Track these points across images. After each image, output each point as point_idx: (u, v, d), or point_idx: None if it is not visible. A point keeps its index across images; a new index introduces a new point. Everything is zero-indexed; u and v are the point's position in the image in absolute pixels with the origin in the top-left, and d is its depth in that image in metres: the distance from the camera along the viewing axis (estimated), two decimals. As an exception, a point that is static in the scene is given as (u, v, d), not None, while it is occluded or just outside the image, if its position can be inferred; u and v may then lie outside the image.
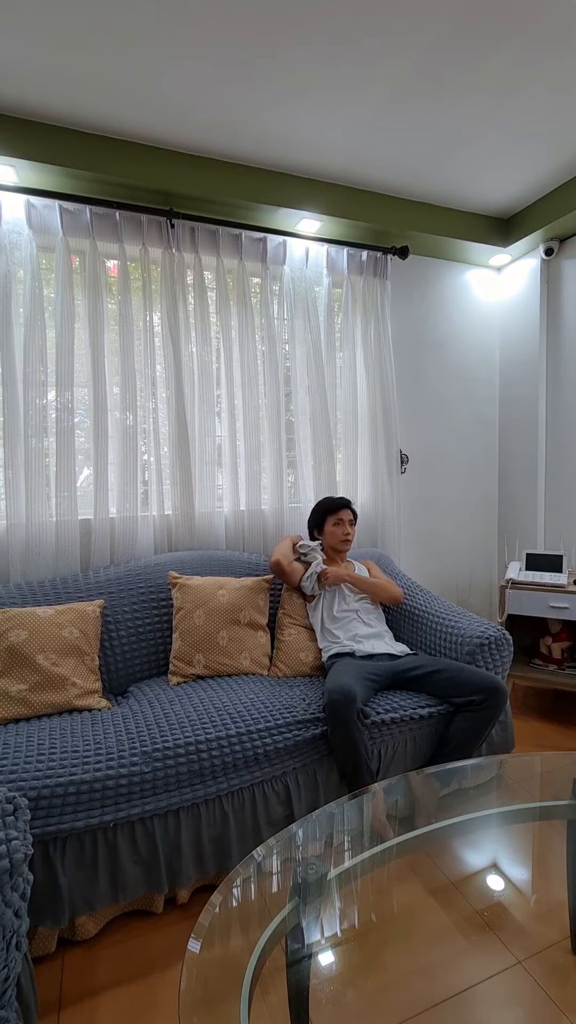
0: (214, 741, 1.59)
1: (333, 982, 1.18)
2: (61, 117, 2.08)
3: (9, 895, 1.01)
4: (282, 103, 2.05)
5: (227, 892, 1.07)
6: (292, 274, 2.66)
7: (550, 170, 2.56)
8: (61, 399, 2.23)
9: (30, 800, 1.35)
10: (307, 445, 2.73)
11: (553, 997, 1.22)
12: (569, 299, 2.94)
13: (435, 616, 2.18)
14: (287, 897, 1.12)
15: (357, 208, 2.64)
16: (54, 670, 1.80)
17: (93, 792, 1.42)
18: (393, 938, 1.36)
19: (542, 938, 1.36)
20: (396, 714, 1.82)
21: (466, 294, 3.20)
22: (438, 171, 2.54)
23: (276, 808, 1.66)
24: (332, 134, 2.24)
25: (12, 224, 2.18)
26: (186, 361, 2.45)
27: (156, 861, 1.50)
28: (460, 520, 3.27)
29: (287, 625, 2.22)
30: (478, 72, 1.94)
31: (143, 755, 1.51)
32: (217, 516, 2.55)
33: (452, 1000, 1.21)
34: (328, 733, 1.71)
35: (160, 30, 1.71)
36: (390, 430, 2.86)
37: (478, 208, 2.89)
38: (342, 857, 1.32)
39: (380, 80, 1.96)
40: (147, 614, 2.15)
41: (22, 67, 1.84)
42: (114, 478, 2.36)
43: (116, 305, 2.36)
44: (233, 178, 2.39)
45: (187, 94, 1.99)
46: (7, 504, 2.19)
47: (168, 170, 2.29)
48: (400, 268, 2.96)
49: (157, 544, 2.46)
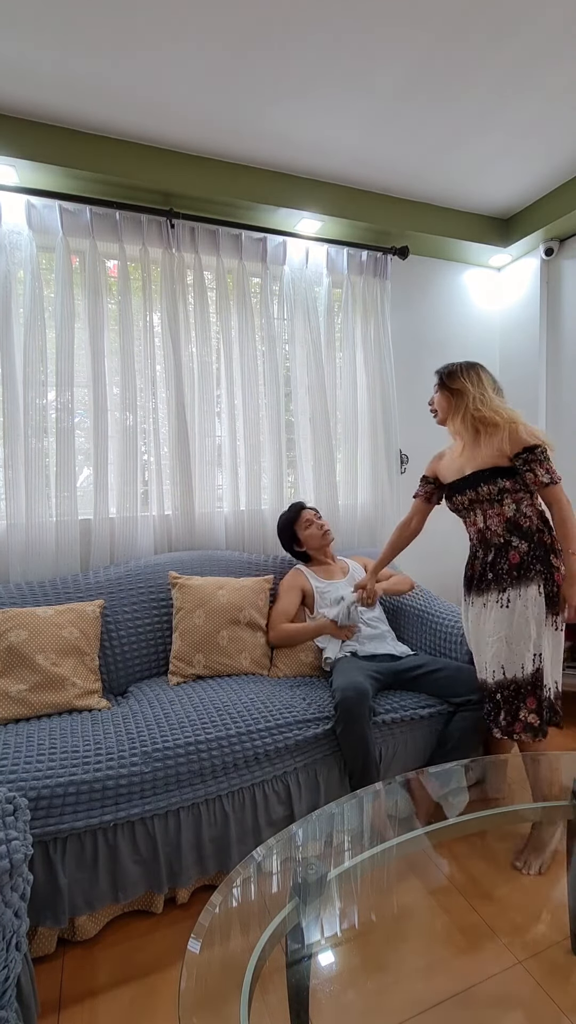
0: (214, 741, 1.59)
1: (333, 982, 1.18)
2: (61, 117, 2.08)
3: (9, 895, 1.01)
4: (282, 103, 2.05)
5: (227, 892, 1.07)
6: (292, 274, 2.66)
7: (550, 170, 2.56)
8: (61, 399, 2.23)
9: (30, 800, 1.35)
10: (307, 445, 2.73)
11: (553, 997, 1.22)
12: (569, 299, 2.94)
13: (435, 616, 2.18)
14: (287, 897, 1.12)
15: (357, 208, 2.64)
16: (54, 670, 1.80)
17: (93, 792, 1.42)
18: (393, 938, 1.36)
19: (542, 938, 1.36)
20: (398, 714, 1.82)
21: (466, 294, 3.20)
22: (438, 171, 2.54)
23: (276, 808, 1.66)
24: (332, 134, 2.24)
25: (12, 224, 2.18)
26: (186, 361, 2.45)
27: (156, 861, 1.50)
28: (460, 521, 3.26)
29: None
30: (478, 72, 1.94)
31: (143, 755, 1.51)
32: (217, 516, 2.55)
33: (452, 1000, 1.21)
34: (339, 732, 1.72)
35: (160, 30, 1.71)
36: (390, 430, 2.86)
37: (478, 208, 2.89)
38: (342, 857, 1.32)
39: (380, 80, 1.96)
40: (147, 614, 2.15)
41: (22, 67, 1.84)
42: (114, 478, 2.36)
43: (116, 305, 2.36)
44: (233, 178, 2.39)
45: (187, 94, 1.99)
46: (7, 504, 2.19)
47: (168, 170, 2.29)
48: (400, 268, 2.96)
49: (157, 544, 2.46)
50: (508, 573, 1.71)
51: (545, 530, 1.72)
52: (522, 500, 1.73)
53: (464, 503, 1.84)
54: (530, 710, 1.66)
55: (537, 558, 1.69)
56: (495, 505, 1.76)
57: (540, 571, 1.68)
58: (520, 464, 1.70)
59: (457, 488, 1.85)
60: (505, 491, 1.73)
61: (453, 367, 1.87)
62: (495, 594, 1.73)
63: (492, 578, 1.75)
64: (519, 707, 1.68)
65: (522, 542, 1.71)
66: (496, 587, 1.73)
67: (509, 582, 1.70)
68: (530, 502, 1.73)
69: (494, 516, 1.76)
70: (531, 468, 1.69)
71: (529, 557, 1.69)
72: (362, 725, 1.68)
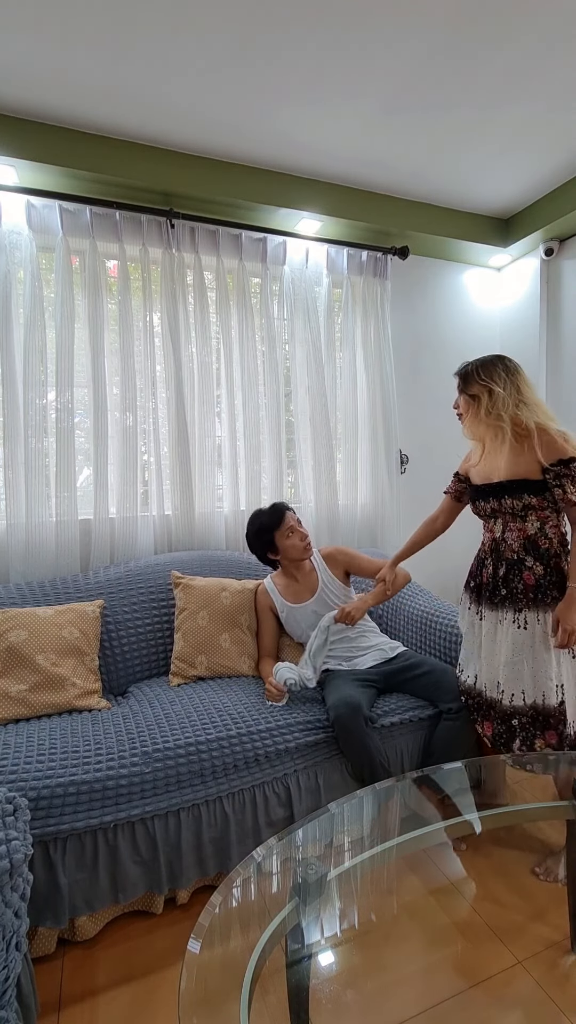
0: (215, 742, 1.59)
1: (333, 982, 1.18)
2: (61, 117, 2.08)
3: (9, 895, 1.01)
4: (282, 103, 2.05)
5: (227, 892, 1.07)
6: (292, 274, 2.66)
7: (550, 170, 2.55)
8: (61, 399, 2.23)
9: (30, 800, 1.35)
10: (307, 445, 2.73)
11: (553, 997, 1.22)
12: (569, 299, 2.94)
13: (435, 617, 2.18)
14: (287, 897, 1.12)
15: (357, 208, 2.64)
16: (54, 670, 1.80)
17: (93, 792, 1.42)
18: (393, 938, 1.36)
19: (542, 938, 1.36)
20: (395, 717, 1.83)
21: (466, 294, 3.20)
22: (438, 171, 2.53)
23: (276, 809, 1.66)
24: (332, 134, 2.24)
25: (12, 224, 2.18)
26: (186, 361, 2.45)
27: (156, 861, 1.50)
28: (460, 520, 3.26)
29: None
30: (479, 72, 1.94)
31: (143, 755, 1.51)
32: (217, 516, 2.54)
33: (452, 1000, 1.21)
34: (340, 745, 1.72)
35: (160, 30, 1.71)
36: (390, 430, 2.86)
37: (478, 208, 2.89)
38: (342, 857, 1.32)
39: (381, 80, 1.96)
40: (147, 614, 2.15)
41: (22, 67, 1.84)
42: (114, 478, 2.36)
43: (116, 305, 2.36)
44: (233, 178, 2.39)
45: (187, 94, 1.99)
46: (7, 504, 2.19)
47: (168, 170, 2.29)
48: (400, 268, 2.96)
49: (157, 544, 2.46)
50: (523, 594, 1.62)
51: (563, 555, 1.61)
52: (547, 520, 1.62)
53: (486, 510, 1.73)
54: (549, 743, 1.57)
55: (554, 584, 1.59)
56: (517, 520, 1.64)
57: (557, 598, 1.58)
58: (551, 477, 1.56)
59: (481, 494, 1.73)
60: (530, 507, 1.61)
61: (470, 368, 1.70)
62: (510, 613, 1.64)
63: (506, 595, 1.65)
64: (535, 736, 1.58)
65: (537, 564, 1.61)
66: (511, 606, 1.64)
67: (525, 603, 1.61)
68: (555, 523, 1.62)
69: (514, 530, 1.65)
70: (562, 484, 1.54)
71: (545, 582, 1.60)
72: (359, 736, 1.68)
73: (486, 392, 1.64)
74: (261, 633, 2.13)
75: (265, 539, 2.04)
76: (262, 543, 2.05)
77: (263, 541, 2.04)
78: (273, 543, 2.03)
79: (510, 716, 1.63)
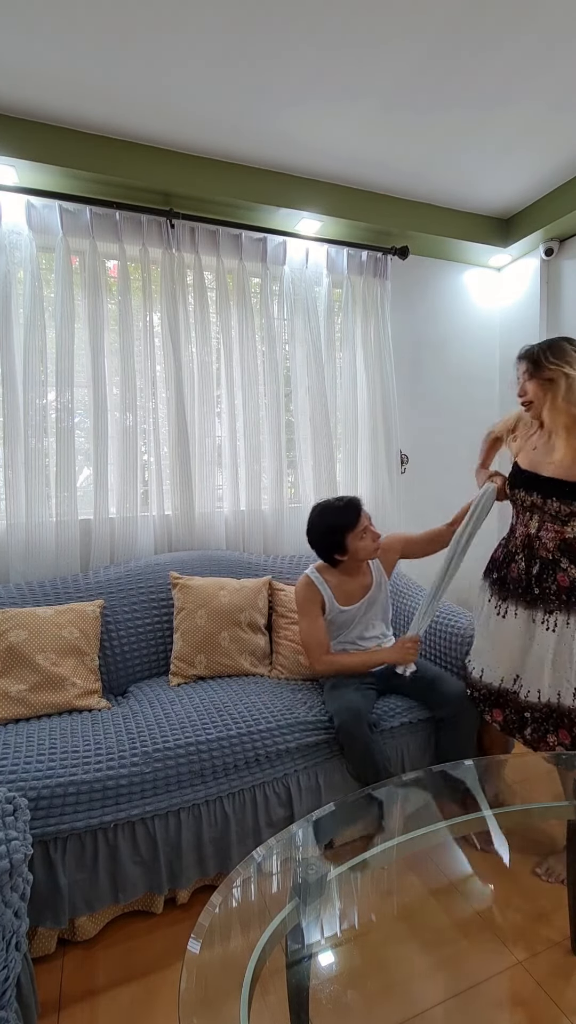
0: (215, 742, 1.59)
1: (333, 982, 1.18)
2: (61, 117, 2.08)
3: (9, 895, 1.01)
4: (282, 103, 2.05)
5: (227, 892, 1.07)
6: (292, 274, 2.66)
7: (550, 170, 2.55)
8: (61, 399, 2.23)
9: (30, 800, 1.35)
10: (307, 445, 2.73)
11: (553, 997, 1.22)
12: (569, 299, 2.94)
13: (435, 617, 2.17)
14: (287, 897, 1.12)
15: (357, 208, 2.64)
16: (54, 670, 1.80)
17: (93, 792, 1.42)
18: (393, 938, 1.36)
19: (542, 938, 1.36)
20: (396, 720, 1.83)
21: (466, 294, 3.20)
22: (438, 171, 2.53)
23: (277, 810, 1.66)
24: (332, 134, 2.24)
25: (12, 224, 2.18)
26: (186, 361, 2.44)
27: (156, 861, 1.50)
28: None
29: (283, 627, 2.21)
30: (479, 71, 1.93)
31: (143, 755, 1.51)
32: (217, 516, 2.54)
33: (452, 1000, 1.21)
34: (344, 751, 1.72)
35: (160, 30, 1.71)
36: (390, 430, 2.86)
37: (478, 208, 2.89)
38: (342, 857, 1.32)
39: (380, 80, 1.96)
40: (147, 614, 2.15)
41: (22, 67, 1.83)
42: (114, 478, 2.36)
43: (116, 305, 2.36)
44: (233, 178, 2.39)
45: (187, 94, 1.99)
46: (7, 504, 2.19)
47: (168, 170, 2.29)
48: (400, 268, 2.96)
49: (157, 544, 2.46)
50: (557, 595, 1.57)
51: None
52: None
53: (525, 502, 1.62)
54: (560, 741, 1.57)
55: None
56: (557, 522, 1.55)
57: None
58: None
59: (522, 483, 1.62)
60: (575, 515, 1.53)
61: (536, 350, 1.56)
62: (540, 613, 1.60)
63: (539, 594, 1.60)
64: (548, 730, 1.59)
65: (572, 567, 1.55)
66: (543, 606, 1.59)
67: (557, 605, 1.57)
68: None
69: (551, 531, 1.57)
70: None
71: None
72: (363, 742, 1.68)
73: (562, 376, 1.50)
74: (313, 632, 1.87)
75: (335, 539, 1.84)
76: (329, 543, 1.86)
77: (332, 541, 1.85)
78: (343, 544, 1.84)
79: (524, 708, 1.64)
